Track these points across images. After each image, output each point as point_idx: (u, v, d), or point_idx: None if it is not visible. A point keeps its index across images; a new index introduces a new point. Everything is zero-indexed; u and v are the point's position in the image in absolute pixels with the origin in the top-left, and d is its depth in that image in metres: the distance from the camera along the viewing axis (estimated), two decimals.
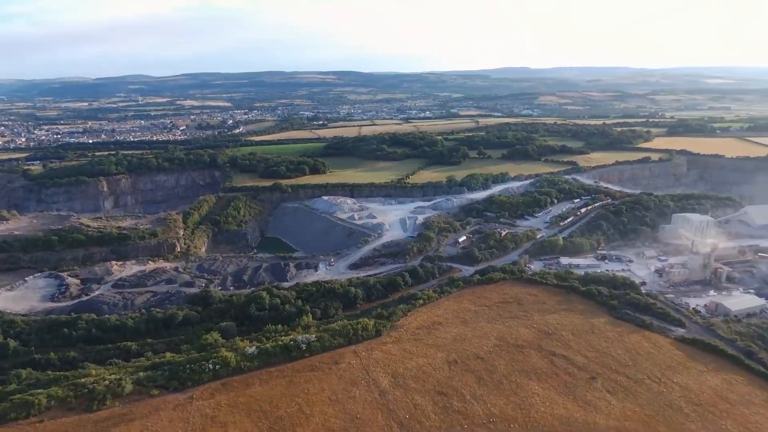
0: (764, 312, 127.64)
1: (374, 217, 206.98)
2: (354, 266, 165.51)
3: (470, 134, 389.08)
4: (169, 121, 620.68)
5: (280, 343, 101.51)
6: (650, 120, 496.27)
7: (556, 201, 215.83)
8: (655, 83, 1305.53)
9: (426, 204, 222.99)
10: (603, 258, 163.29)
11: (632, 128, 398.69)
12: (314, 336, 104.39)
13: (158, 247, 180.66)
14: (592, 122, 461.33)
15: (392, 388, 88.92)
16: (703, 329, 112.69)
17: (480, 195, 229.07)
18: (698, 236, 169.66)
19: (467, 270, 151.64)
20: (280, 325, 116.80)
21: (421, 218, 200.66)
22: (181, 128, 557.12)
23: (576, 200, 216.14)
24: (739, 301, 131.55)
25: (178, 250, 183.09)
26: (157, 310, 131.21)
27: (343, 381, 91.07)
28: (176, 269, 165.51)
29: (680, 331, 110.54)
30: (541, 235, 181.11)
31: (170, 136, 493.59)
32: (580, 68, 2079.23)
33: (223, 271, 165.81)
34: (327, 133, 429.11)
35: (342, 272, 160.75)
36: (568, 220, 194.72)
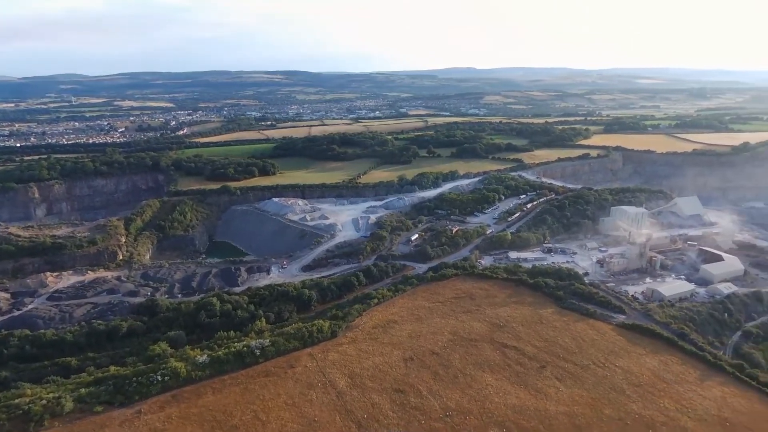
0: (694, 296, 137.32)
1: (327, 218, 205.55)
2: (307, 268, 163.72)
3: (420, 133, 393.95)
4: (106, 123, 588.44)
5: (232, 349, 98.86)
6: (588, 118, 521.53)
7: (503, 197, 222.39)
8: (591, 83, 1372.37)
9: (378, 203, 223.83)
10: (549, 251, 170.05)
11: (572, 126, 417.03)
12: (268, 341, 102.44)
13: (98, 255, 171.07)
14: (536, 121, 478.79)
15: (349, 389, 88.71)
16: (641, 315, 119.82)
17: (431, 193, 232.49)
18: (634, 227, 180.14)
19: (420, 267, 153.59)
20: (232, 332, 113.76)
21: (373, 218, 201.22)
22: (120, 130, 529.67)
23: (522, 196, 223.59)
24: (672, 286, 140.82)
25: (121, 258, 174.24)
26: (99, 322, 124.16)
27: (299, 384, 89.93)
28: (119, 278, 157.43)
29: (621, 318, 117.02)
30: (490, 230, 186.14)
31: (108, 138, 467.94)
32: (523, 69, 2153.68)
33: (169, 278, 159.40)
34: (276, 133, 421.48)
35: (295, 274, 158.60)
36: (516, 215, 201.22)
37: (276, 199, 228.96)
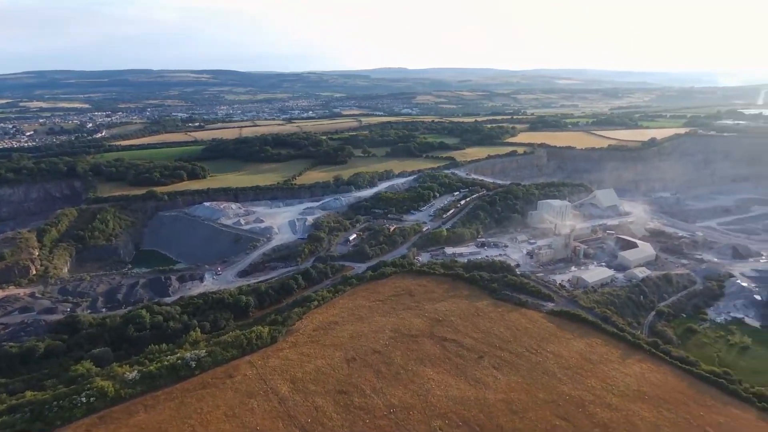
0: (614, 281, 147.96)
1: (262, 221, 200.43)
2: (243, 273, 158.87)
3: (354, 133, 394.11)
4: (11, 126, 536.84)
5: (165, 363, 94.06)
6: (514, 117, 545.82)
7: (438, 195, 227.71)
8: (516, 84, 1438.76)
9: (315, 204, 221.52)
10: (483, 245, 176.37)
11: (500, 125, 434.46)
12: (204, 351, 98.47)
13: (7, 271, 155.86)
14: (466, 120, 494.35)
15: (292, 394, 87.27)
16: (568, 301, 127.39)
17: (367, 193, 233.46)
18: (559, 220, 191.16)
19: (360, 267, 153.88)
20: (165, 345, 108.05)
21: (310, 219, 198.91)
22: (28, 134, 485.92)
23: (456, 193, 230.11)
24: (595, 273, 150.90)
25: (34, 273, 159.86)
26: (11, 344, 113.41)
27: (239, 394, 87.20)
28: (32, 295, 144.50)
29: (550, 305, 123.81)
30: (426, 227, 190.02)
31: (14, 143, 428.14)
32: (452, 69, 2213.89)
33: (92, 292, 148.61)
34: (205, 135, 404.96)
35: (231, 281, 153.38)
36: (450, 212, 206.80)
37: (207, 204, 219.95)
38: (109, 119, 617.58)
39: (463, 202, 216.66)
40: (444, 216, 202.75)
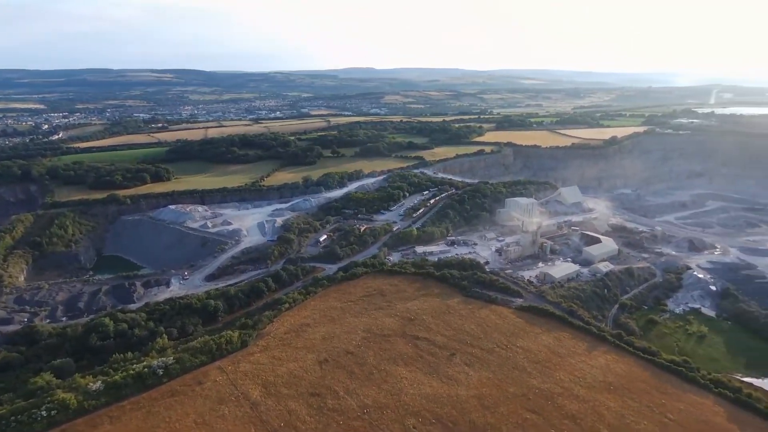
0: (579, 276, 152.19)
1: (230, 224, 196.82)
2: (212, 277, 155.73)
3: (323, 133, 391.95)
4: None
5: (131, 372, 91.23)
6: (481, 116, 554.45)
7: (408, 194, 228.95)
8: (482, 84, 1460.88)
9: (284, 206, 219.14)
10: (452, 243, 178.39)
11: (467, 124, 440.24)
12: (172, 358, 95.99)
13: None
14: (434, 119, 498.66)
15: (264, 398, 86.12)
16: (536, 297, 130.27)
17: (337, 193, 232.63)
18: (526, 217, 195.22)
19: (331, 268, 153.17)
20: (130, 353, 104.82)
21: (280, 221, 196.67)
22: None
23: (425, 192, 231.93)
24: (561, 269, 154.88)
25: None
26: None
27: (209, 401, 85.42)
28: None
29: (519, 301, 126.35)
30: (397, 227, 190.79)
31: None
32: (420, 69, 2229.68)
33: (51, 300, 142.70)
34: (169, 136, 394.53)
35: (198, 285, 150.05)
36: (420, 211, 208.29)
37: (173, 207, 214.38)
38: (67, 120, 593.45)
39: (432, 201, 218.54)
40: (414, 215, 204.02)
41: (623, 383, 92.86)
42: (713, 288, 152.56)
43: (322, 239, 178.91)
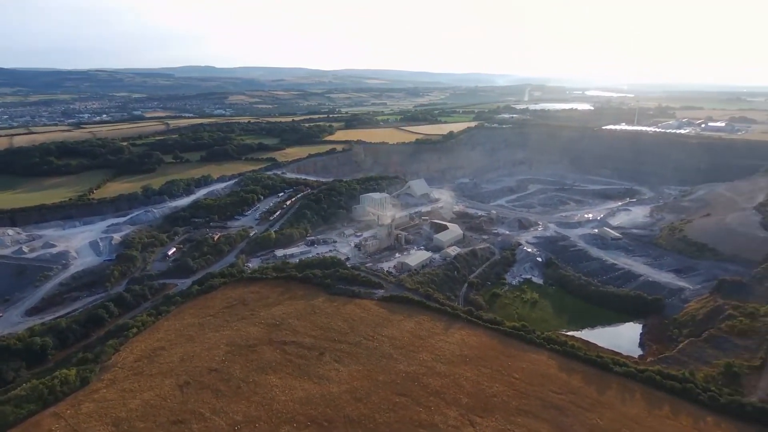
0: (432, 262, 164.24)
1: (53, 246, 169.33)
2: (35, 311, 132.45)
3: (162, 137, 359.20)
4: None
5: None
6: (330, 115, 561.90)
7: (262, 197, 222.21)
8: (329, 83, 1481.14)
9: (122, 220, 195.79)
10: (312, 243, 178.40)
11: (317, 124, 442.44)
12: None
13: None
14: (283, 119, 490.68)
15: None
16: (396, 286, 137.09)
17: (184, 201, 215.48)
18: (381, 211, 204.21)
19: (184, 282, 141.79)
20: None
21: (117, 237, 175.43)
22: None
23: (281, 194, 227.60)
24: (416, 257, 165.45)
25: None
26: None
27: None
28: None
29: (381, 292, 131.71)
30: (254, 232, 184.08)
31: None
32: (264, 68, 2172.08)
33: None
34: None
35: (18, 322, 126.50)
36: (277, 213, 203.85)
37: None
38: None
39: (288, 202, 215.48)
40: (271, 218, 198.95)
41: (477, 354, 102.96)
42: (539, 259, 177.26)
43: (170, 252, 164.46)
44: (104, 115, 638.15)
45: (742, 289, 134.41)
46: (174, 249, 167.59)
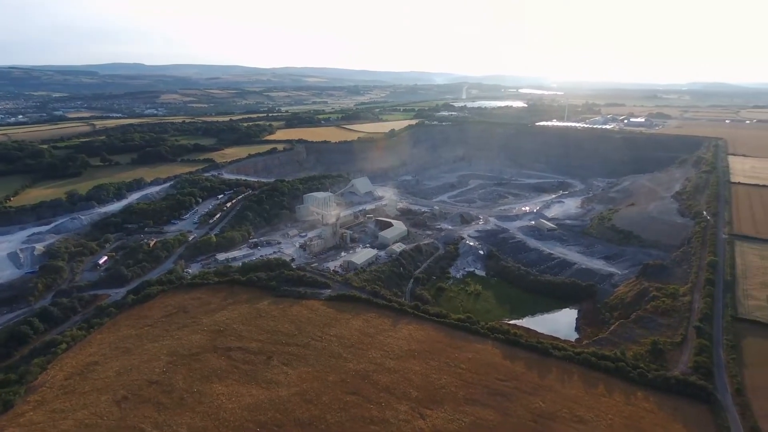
0: (378, 259, 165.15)
1: None
2: None
3: (87, 139, 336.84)
4: None
5: None
6: (270, 114, 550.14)
7: (201, 200, 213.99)
8: (267, 81, 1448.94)
9: (44, 229, 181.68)
10: (255, 246, 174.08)
11: (256, 123, 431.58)
12: None
13: None
14: (220, 119, 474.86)
15: None
16: (343, 285, 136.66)
17: (115, 207, 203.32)
18: (325, 210, 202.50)
19: (117, 292, 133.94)
20: None
21: (40, 247, 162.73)
22: None
23: (220, 196, 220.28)
24: (362, 255, 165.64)
25: None
26: None
27: None
28: None
29: (328, 292, 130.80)
30: (193, 236, 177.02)
31: None
32: (197, 66, 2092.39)
33: None
34: None
35: None
36: (217, 216, 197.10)
37: None
38: None
39: (229, 204, 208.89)
40: (211, 221, 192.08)
41: (424, 348, 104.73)
42: (481, 252, 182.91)
43: (101, 261, 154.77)
44: (20, 116, 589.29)
45: (664, 272, 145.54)
46: (105, 257, 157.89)
